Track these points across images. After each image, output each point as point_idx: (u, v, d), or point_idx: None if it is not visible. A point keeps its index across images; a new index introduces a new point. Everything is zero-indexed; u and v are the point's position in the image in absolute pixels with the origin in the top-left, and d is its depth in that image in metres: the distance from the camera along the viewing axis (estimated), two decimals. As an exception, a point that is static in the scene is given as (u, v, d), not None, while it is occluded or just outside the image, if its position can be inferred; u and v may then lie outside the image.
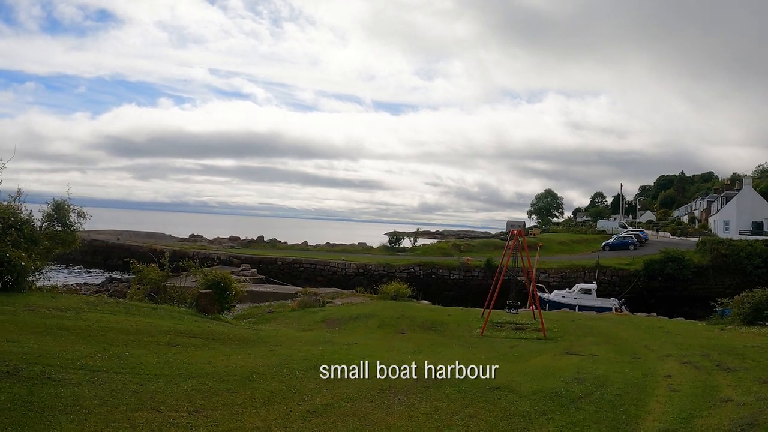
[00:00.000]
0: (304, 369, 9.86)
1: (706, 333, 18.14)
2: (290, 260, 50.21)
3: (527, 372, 10.71)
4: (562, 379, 10.02)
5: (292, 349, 12.80)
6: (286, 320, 22.13)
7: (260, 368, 9.66)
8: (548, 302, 40.41)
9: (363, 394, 8.53)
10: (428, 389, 9.01)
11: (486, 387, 9.15)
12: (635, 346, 15.18)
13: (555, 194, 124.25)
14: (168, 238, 65.96)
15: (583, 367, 11.51)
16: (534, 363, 11.84)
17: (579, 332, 18.30)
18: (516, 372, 10.66)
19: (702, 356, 12.82)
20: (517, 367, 11.13)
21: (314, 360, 10.83)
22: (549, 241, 60.98)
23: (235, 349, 11.49)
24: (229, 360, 10.14)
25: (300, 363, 10.42)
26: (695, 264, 45.66)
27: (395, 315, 21.38)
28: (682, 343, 15.72)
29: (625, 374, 10.86)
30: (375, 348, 14.61)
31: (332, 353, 12.43)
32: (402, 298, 27.99)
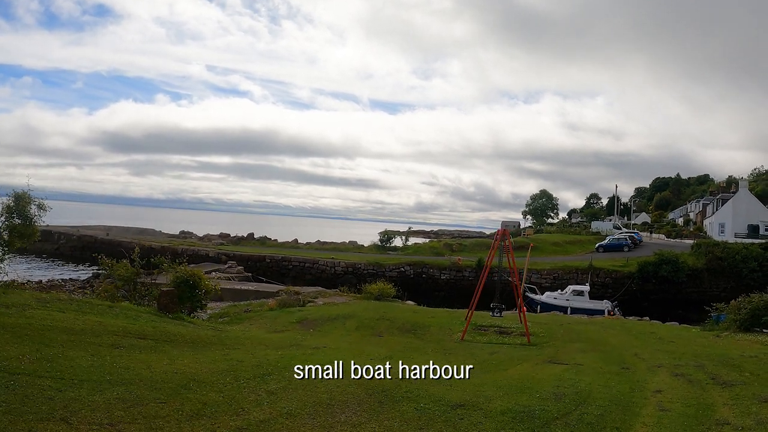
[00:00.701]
0: (252, 377, 8.98)
1: (700, 340, 17.01)
2: (279, 258, 49.03)
3: (501, 384, 9.55)
4: (538, 395, 8.87)
5: (249, 353, 11.86)
6: (261, 320, 21.05)
7: (203, 375, 8.77)
8: (540, 304, 39.37)
9: (307, 409, 7.51)
10: (382, 405, 7.89)
11: (449, 404, 8.01)
12: (624, 354, 14.03)
13: (550, 195, 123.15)
14: (158, 234, 64.75)
15: (564, 380, 10.35)
16: (511, 373, 10.71)
17: (566, 338, 17.17)
18: (489, 384, 9.51)
19: (695, 367, 11.68)
20: (491, 378, 9.98)
21: (267, 366, 9.91)
22: (542, 242, 59.69)
23: (184, 353, 10.57)
24: (172, 365, 9.22)
25: (250, 370, 9.55)
26: (690, 267, 44.44)
27: (375, 316, 20.31)
28: (675, 351, 14.58)
29: (611, 388, 9.71)
30: (344, 353, 13.47)
31: (291, 358, 11.39)
32: (386, 298, 26.96)
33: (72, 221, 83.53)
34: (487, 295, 18.94)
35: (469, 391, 8.85)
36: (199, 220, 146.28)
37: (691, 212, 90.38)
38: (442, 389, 8.83)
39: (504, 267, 19.41)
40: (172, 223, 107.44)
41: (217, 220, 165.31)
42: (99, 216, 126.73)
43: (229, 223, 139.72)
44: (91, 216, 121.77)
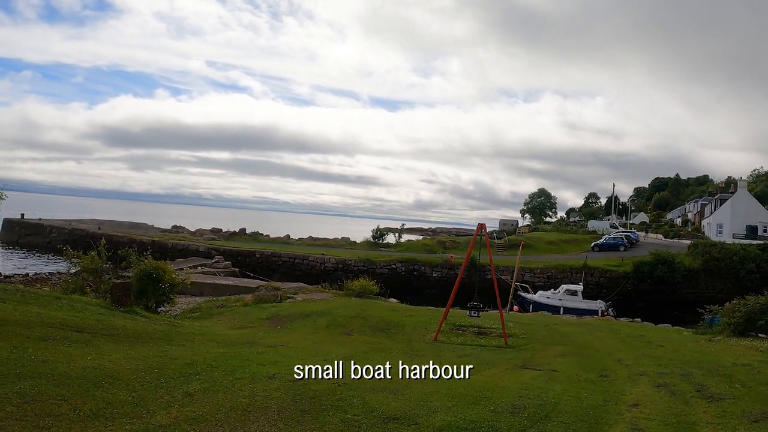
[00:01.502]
0: (177, 376, 8.08)
1: (691, 344, 15.72)
2: (269, 253, 47.89)
3: (455, 393, 8.29)
4: (493, 408, 7.61)
5: (191, 350, 10.99)
6: (232, 316, 20.11)
7: (124, 372, 7.89)
8: (532, 303, 38.16)
9: (219, 414, 6.55)
10: (304, 414, 6.76)
11: (382, 416, 6.82)
12: (606, 360, 12.75)
13: (548, 194, 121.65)
14: (150, 229, 63.68)
15: (531, 389, 9.10)
16: (474, 380, 9.42)
17: (548, 340, 15.88)
18: (441, 392, 8.26)
19: (681, 376, 10.39)
20: (447, 385, 8.70)
21: (200, 365, 9.03)
22: (537, 241, 58.37)
23: (117, 348, 9.75)
24: (97, 360, 8.34)
25: (180, 368, 8.64)
26: (686, 267, 43.07)
27: (351, 314, 19.16)
28: (662, 356, 13.30)
29: (582, 400, 8.44)
30: (301, 352, 12.40)
31: (232, 358, 10.47)
32: (368, 295, 25.74)
33: (70, 215, 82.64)
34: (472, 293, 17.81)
35: (413, 400, 7.64)
36: (197, 216, 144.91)
37: (689, 212, 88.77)
38: (382, 397, 7.70)
39: (502, 266, 18.23)
40: (170, 218, 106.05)
41: (215, 215, 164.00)
42: (97, 211, 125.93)
43: (228, 218, 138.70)
44: (90, 210, 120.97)
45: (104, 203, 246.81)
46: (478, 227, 16.18)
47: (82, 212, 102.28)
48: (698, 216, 79.83)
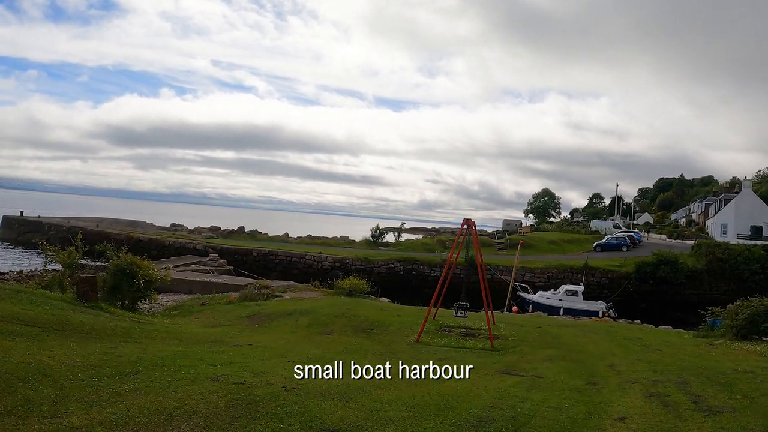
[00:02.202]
0: (114, 374, 7.51)
1: (691, 348, 14.62)
2: (266, 252, 47.01)
3: (418, 402, 7.30)
4: (456, 419, 6.61)
5: (146, 347, 10.22)
6: (211, 313, 19.32)
7: (60, 368, 7.33)
8: (531, 303, 37.14)
9: (142, 417, 5.96)
10: (233, 422, 6.02)
11: (319, 428, 5.94)
12: (598, 365, 11.71)
13: (552, 194, 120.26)
14: (149, 227, 62.97)
15: (507, 397, 8.10)
16: (446, 386, 8.44)
17: (538, 342, 14.84)
18: (400, 401, 7.29)
19: (677, 384, 9.34)
20: (411, 392, 7.72)
21: (144, 364, 8.36)
22: (539, 240, 57.19)
23: (64, 343, 9.13)
24: (36, 355, 7.76)
25: (123, 366, 8.07)
26: (689, 268, 41.89)
27: (335, 313, 18.20)
28: (659, 361, 12.24)
29: (562, 412, 7.43)
30: (266, 352, 11.59)
31: (187, 356, 9.71)
32: (359, 294, 24.77)
33: (75, 214, 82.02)
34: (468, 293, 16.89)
35: (365, 409, 6.71)
36: (202, 215, 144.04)
37: (693, 213, 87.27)
38: (329, 405, 6.83)
39: (501, 266, 17.25)
40: (175, 217, 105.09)
41: (219, 215, 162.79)
42: (102, 209, 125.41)
43: (232, 218, 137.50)
44: (95, 209, 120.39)
45: (109, 202, 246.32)
46: (464, 223, 15.16)
47: (87, 211, 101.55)
48: (702, 216, 78.40)
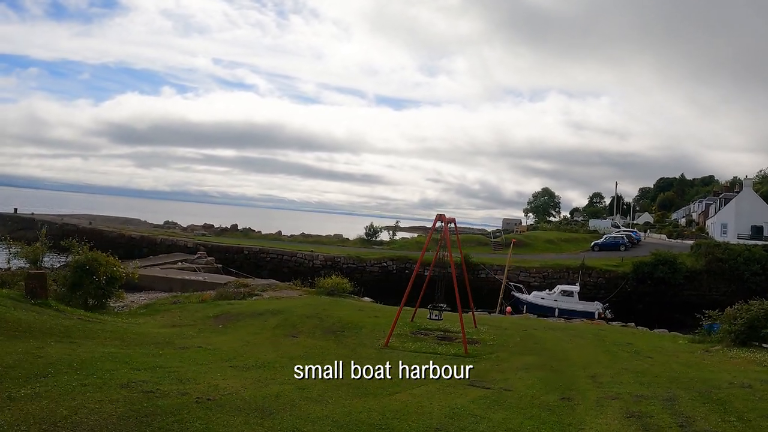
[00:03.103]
0: (21, 376, 6.84)
1: (684, 356, 13.30)
2: (257, 250, 45.84)
3: (350, 420, 6.10)
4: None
5: (78, 348, 9.34)
6: (180, 313, 18.39)
7: None
8: (526, 304, 35.83)
9: (22, 426, 5.31)
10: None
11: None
12: (578, 376, 10.40)
13: (552, 193, 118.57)
14: (142, 224, 61.78)
15: (461, 416, 6.82)
16: (395, 400, 7.21)
17: (518, 348, 13.52)
18: (329, 419, 6.11)
19: (664, 402, 8.02)
20: (348, 408, 6.46)
21: (62, 365, 7.57)
22: (536, 239, 55.76)
23: None
24: None
25: (36, 368, 7.34)
26: (688, 268, 40.45)
27: (309, 313, 17.02)
28: (647, 371, 10.92)
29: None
30: (213, 356, 10.54)
31: (115, 359, 8.82)
32: (340, 293, 23.51)
33: (77, 211, 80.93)
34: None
35: (280, 428, 5.64)
36: (203, 213, 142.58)
37: (693, 212, 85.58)
38: (239, 421, 6.09)
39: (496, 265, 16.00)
40: (175, 215, 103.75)
41: (220, 213, 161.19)
42: (103, 207, 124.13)
43: (233, 216, 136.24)
44: (95, 207, 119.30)
45: (110, 200, 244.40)
46: (436, 218, 13.85)
47: (87, 209, 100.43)
48: (702, 216, 76.80)
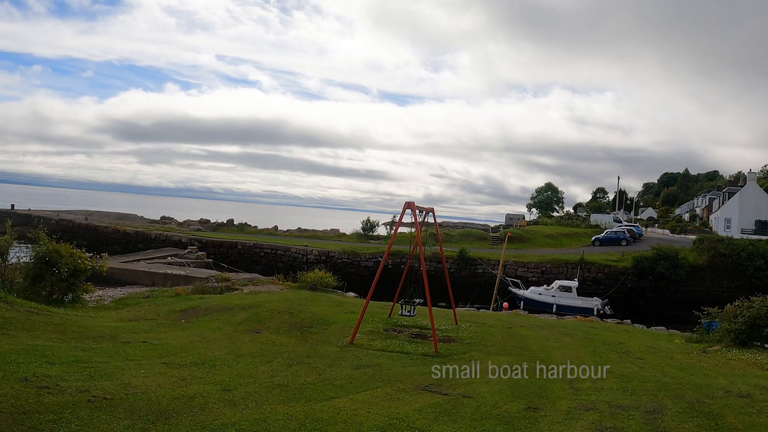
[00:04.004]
0: None
1: (679, 357, 11.99)
2: (251, 245, 44.67)
3: (249, 431, 4.80)
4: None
5: (4, 340, 8.86)
6: (148, 306, 17.28)
7: None
8: (523, 299, 34.50)
9: None
10: None
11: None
12: (554, 380, 9.12)
13: (555, 188, 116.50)
14: (138, 220, 60.68)
15: (397, 429, 5.55)
16: (328, 407, 6.02)
17: (497, 347, 12.24)
18: (238, 428, 4.79)
19: (646, 415, 6.75)
20: (267, 414, 5.32)
21: None
22: (535, 234, 54.26)
23: None
24: None
25: None
26: (690, 263, 38.98)
27: (282, 308, 16.00)
28: (634, 376, 9.64)
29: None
30: (153, 352, 9.86)
31: (36, 352, 8.32)
32: (323, 288, 22.39)
33: (77, 207, 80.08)
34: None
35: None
36: (206, 209, 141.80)
37: (697, 207, 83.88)
38: (122, 425, 5.23)
39: (493, 260, 14.67)
40: (179, 211, 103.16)
41: (223, 209, 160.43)
42: (106, 204, 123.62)
43: (237, 212, 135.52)
44: (99, 204, 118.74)
45: (114, 196, 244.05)
46: (405, 207, 12.55)
47: (91, 206, 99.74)
48: (706, 211, 75.16)
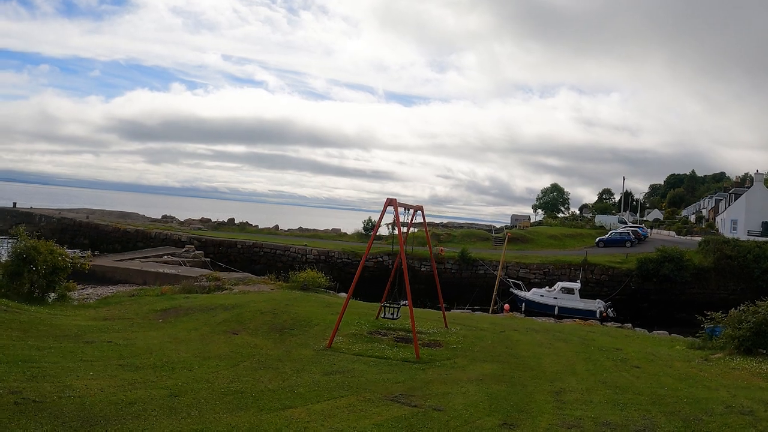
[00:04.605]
0: None
1: (679, 365, 11.13)
2: (250, 244, 43.99)
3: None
4: None
5: None
6: (129, 305, 16.78)
7: None
8: (524, 301, 33.62)
9: None
10: None
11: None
12: (540, 391, 8.31)
13: (561, 189, 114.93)
14: (140, 218, 60.24)
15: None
16: (272, 418, 5.27)
17: (484, 353, 11.42)
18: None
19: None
20: (196, 426, 4.49)
21: None
22: (539, 235, 53.35)
23: None
24: None
25: None
26: (695, 265, 37.91)
27: (265, 309, 15.38)
28: (628, 387, 8.81)
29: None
30: (113, 353, 9.39)
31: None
32: (315, 288, 21.67)
33: (84, 206, 79.76)
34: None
35: None
36: (213, 209, 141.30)
37: (703, 209, 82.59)
38: (47, 428, 5.20)
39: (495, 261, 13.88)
40: (185, 211, 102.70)
41: (229, 208, 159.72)
42: (113, 203, 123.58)
43: (242, 211, 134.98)
44: (105, 203, 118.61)
45: (121, 196, 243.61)
46: (387, 203, 11.78)
47: (97, 204, 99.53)
48: (712, 212, 73.91)
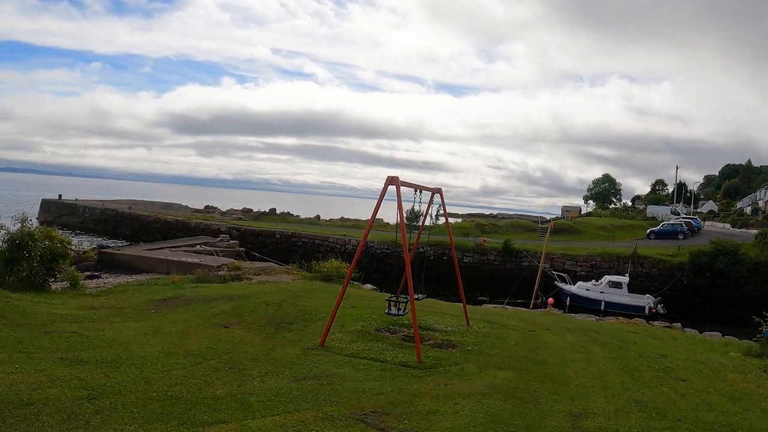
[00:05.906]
0: None
1: (732, 378, 9.18)
2: (288, 234, 43.29)
3: None
4: None
5: None
6: (132, 294, 16.21)
7: None
8: (569, 295, 31.54)
9: None
10: None
11: None
12: (555, 412, 6.58)
13: (613, 180, 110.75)
14: (183, 209, 60.46)
15: None
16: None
17: (501, 358, 9.66)
18: None
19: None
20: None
21: None
22: (587, 226, 50.75)
23: None
24: None
25: None
26: (752, 259, 34.85)
27: (273, 300, 14.01)
28: (668, 409, 6.98)
29: None
30: (54, 346, 7.58)
31: None
32: (339, 279, 20.35)
33: (131, 198, 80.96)
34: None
35: None
36: (263, 200, 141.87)
37: (760, 200, 77.64)
38: None
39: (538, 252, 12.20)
40: (236, 202, 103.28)
41: (279, 200, 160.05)
42: (165, 195, 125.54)
43: (293, 203, 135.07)
44: (158, 195, 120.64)
45: (173, 188, 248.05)
46: (387, 182, 10.15)
47: (150, 196, 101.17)
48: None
